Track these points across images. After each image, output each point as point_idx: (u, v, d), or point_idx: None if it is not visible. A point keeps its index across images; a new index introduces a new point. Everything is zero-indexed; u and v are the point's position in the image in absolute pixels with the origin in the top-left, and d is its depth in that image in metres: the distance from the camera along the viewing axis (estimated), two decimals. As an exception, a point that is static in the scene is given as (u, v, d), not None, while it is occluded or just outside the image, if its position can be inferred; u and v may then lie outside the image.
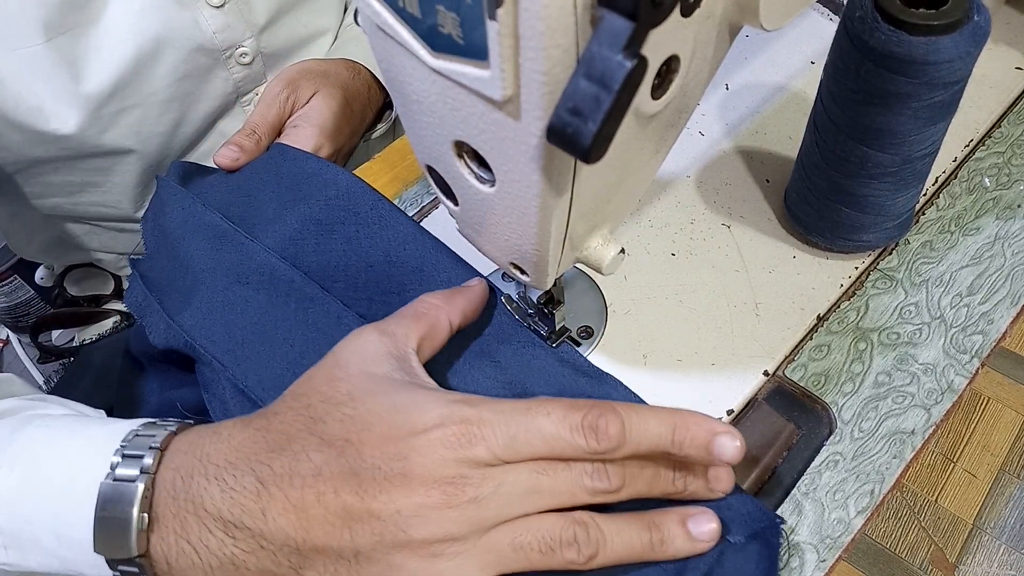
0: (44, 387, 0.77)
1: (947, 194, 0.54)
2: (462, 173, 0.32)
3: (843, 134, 0.43)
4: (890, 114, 0.41)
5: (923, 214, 0.53)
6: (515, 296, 0.43)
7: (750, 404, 0.45)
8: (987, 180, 0.54)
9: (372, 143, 0.69)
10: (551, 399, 0.32)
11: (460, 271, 0.45)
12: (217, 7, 0.59)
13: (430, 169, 0.35)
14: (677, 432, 0.32)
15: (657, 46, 0.26)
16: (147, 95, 0.58)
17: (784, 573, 0.39)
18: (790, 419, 0.44)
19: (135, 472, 0.30)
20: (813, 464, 0.43)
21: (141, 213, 0.65)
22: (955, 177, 0.55)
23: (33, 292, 1.21)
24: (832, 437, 0.43)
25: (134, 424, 0.33)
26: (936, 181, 0.53)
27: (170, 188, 0.50)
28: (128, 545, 0.29)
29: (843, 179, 0.45)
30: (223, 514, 0.29)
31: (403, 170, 0.59)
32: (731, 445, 0.32)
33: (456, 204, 0.35)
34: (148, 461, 0.30)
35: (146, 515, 0.30)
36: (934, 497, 1.32)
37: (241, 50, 0.62)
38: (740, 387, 0.44)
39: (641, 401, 0.40)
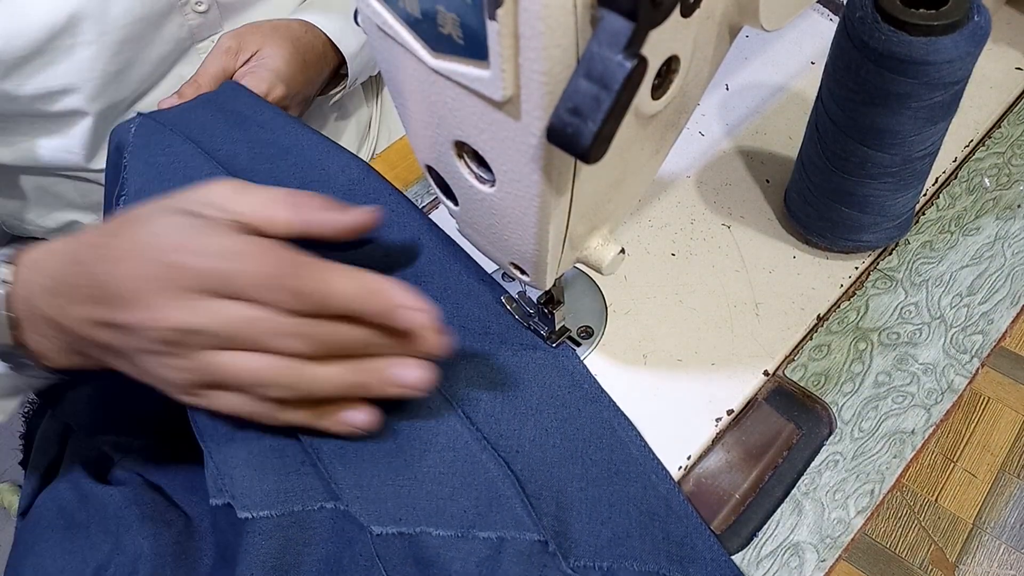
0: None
1: (947, 194, 0.54)
2: (462, 173, 0.32)
3: (843, 134, 0.43)
4: (890, 114, 0.41)
5: (923, 214, 0.53)
6: (515, 296, 0.43)
7: (750, 404, 0.45)
8: (987, 180, 0.54)
9: (333, 106, 0.72)
10: (270, 245, 0.35)
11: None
12: None
13: (430, 169, 0.35)
14: (364, 296, 0.34)
15: (657, 46, 0.26)
16: (100, 33, 0.58)
17: (784, 573, 0.39)
18: (790, 419, 0.44)
19: None
20: (813, 464, 0.43)
21: (95, 164, 0.66)
22: (955, 177, 0.55)
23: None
24: (832, 437, 0.43)
25: None
26: (936, 181, 0.53)
27: (150, 127, 0.50)
28: (6, 336, 0.37)
29: (843, 179, 0.45)
30: (52, 318, 0.37)
31: (403, 170, 0.59)
32: (416, 317, 0.34)
33: (456, 204, 0.35)
34: (5, 272, 0.37)
35: (12, 315, 0.37)
36: (934, 497, 1.32)
37: None
38: (740, 387, 0.44)
39: (626, 418, 0.41)
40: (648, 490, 0.38)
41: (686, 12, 0.26)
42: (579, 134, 0.23)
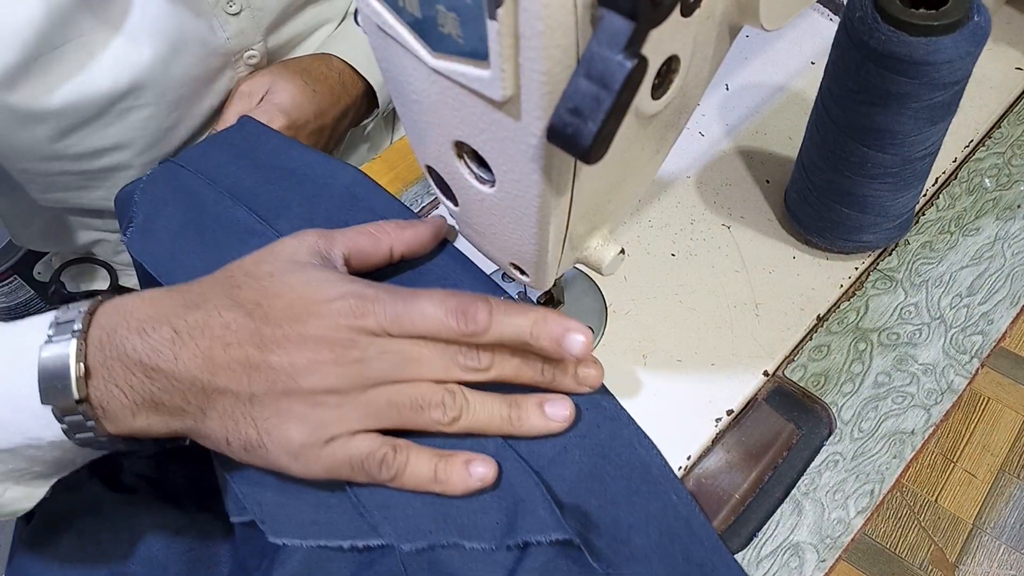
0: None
1: (947, 195, 0.54)
2: (462, 173, 0.32)
3: (843, 134, 0.43)
4: (890, 114, 0.41)
5: (923, 215, 0.53)
6: (515, 296, 0.43)
7: (750, 404, 0.45)
8: (987, 181, 0.54)
9: (364, 136, 0.71)
10: (443, 290, 0.36)
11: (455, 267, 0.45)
12: (233, 14, 0.60)
13: (430, 169, 0.35)
14: (535, 326, 0.35)
15: (657, 46, 0.26)
16: (159, 96, 0.59)
17: (784, 573, 0.39)
18: (790, 419, 0.44)
19: (68, 335, 0.34)
20: (813, 464, 0.43)
21: None
22: (955, 177, 0.55)
23: (33, 292, 1.22)
24: (832, 437, 0.43)
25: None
26: (936, 182, 0.53)
27: (159, 169, 0.50)
28: (70, 392, 0.33)
29: (843, 179, 0.45)
30: (142, 359, 0.34)
31: (403, 170, 0.59)
32: (578, 340, 0.35)
33: (456, 204, 0.35)
34: (78, 325, 0.34)
35: (82, 365, 0.33)
36: (934, 497, 1.32)
37: (250, 52, 0.63)
38: (740, 387, 0.44)
39: (646, 438, 0.40)
40: (668, 510, 0.38)
41: (686, 12, 0.26)
42: (579, 134, 0.23)
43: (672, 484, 0.39)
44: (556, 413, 0.37)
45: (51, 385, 0.33)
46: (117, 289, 0.77)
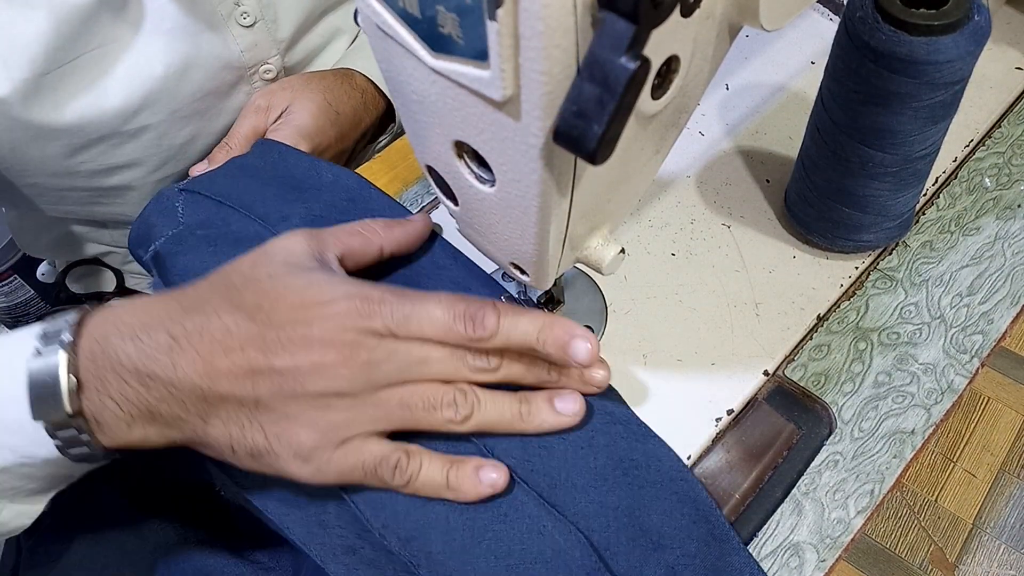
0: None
1: (947, 194, 0.54)
2: (462, 173, 0.32)
3: (844, 134, 0.43)
4: (891, 114, 0.41)
5: (923, 214, 0.53)
6: (515, 296, 0.43)
7: (750, 404, 0.45)
8: (987, 180, 0.54)
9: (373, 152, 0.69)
10: (450, 293, 0.36)
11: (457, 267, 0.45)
12: (247, 27, 0.59)
13: (430, 169, 0.35)
14: (542, 331, 0.35)
15: (657, 46, 0.26)
16: (172, 111, 0.57)
17: (784, 573, 0.39)
18: (790, 419, 0.44)
19: (56, 346, 0.32)
20: (813, 464, 0.43)
21: None
22: (955, 177, 0.55)
23: (33, 292, 1.22)
24: (832, 437, 0.43)
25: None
26: (936, 181, 0.53)
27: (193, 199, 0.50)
28: (61, 406, 0.32)
29: (844, 179, 0.45)
30: (137, 367, 0.32)
31: (403, 170, 0.59)
32: (584, 347, 0.35)
33: (456, 204, 0.35)
34: (67, 336, 0.33)
35: (73, 377, 0.32)
36: (934, 497, 1.32)
37: (266, 67, 0.62)
38: (740, 387, 0.44)
39: (647, 428, 0.40)
40: (687, 502, 0.38)
41: (686, 12, 0.26)
42: (585, 136, 0.23)
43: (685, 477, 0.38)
44: (566, 408, 0.37)
45: (42, 400, 0.32)
46: (123, 291, 0.76)
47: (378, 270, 0.44)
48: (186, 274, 0.44)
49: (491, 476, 0.36)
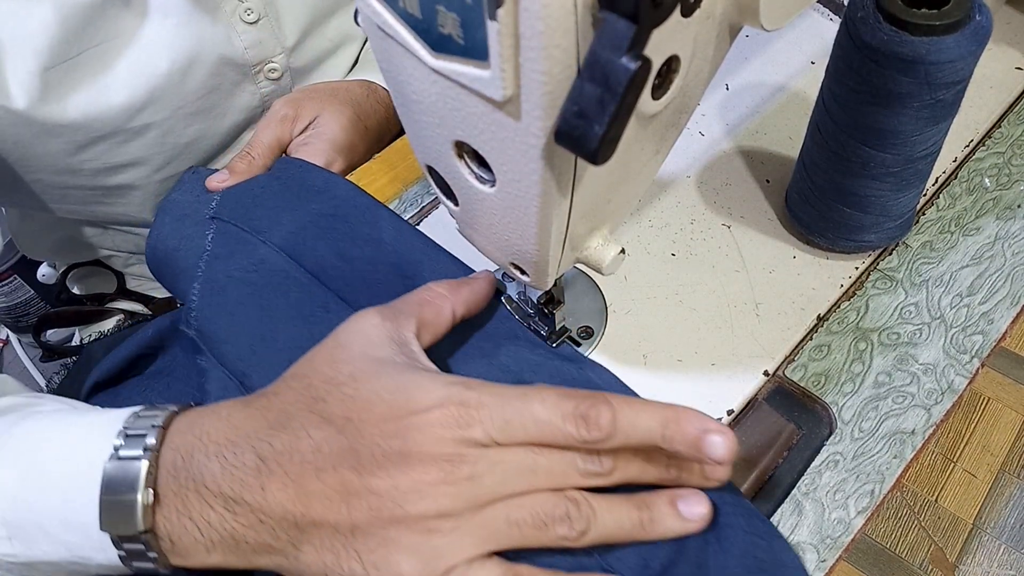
0: (45, 388, 0.76)
1: (947, 194, 0.54)
2: (462, 173, 0.32)
3: (845, 134, 0.43)
4: (892, 114, 0.41)
5: (923, 214, 0.53)
6: (515, 296, 0.43)
7: (750, 404, 0.45)
8: (987, 180, 0.54)
9: None
10: (549, 387, 0.32)
11: (459, 272, 0.45)
12: (251, 23, 0.58)
13: (430, 169, 0.35)
14: (668, 427, 0.31)
15: (658, 46, 0.26)
16: (175, 108, 0.57)
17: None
18: (790, 419, 0.44)
19: (139, 452, 0.30)
20: (813, 464, 0.43)
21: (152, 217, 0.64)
22: (955, 177, 0.55)
23: (33, 292, 1.22)
24: (832, 437, 0.43)
25: (134, 408, 0.33)
26: (936, 181, 0.53)
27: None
28: (134, 522, 0.29)
29: (845, 179, 0.45)
30: (223, 490, 0.30)
31: (403, 170, 0.59)
32: (721, 443, 0.31)
33: (456, 204, 0.35)
34: (151, 440, 0.30)
35: (151, 490, 0.30)
36: (934, 497, 1.32)
37: (271, 66, 0.61)
38: (740, 387, 0.44)
39: (769, 525, 0.36)
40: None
41: (686, 12, 0.26)
42: (586, 137, 0.23)
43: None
44: (692, 512, 0.33)
45: (114, 510, 0.30)
46: (123, 293, 0.76)
47: (376, 274, 0.44)
48: (230, 327, 0.43)
49: None
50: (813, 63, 0.61)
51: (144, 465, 0.30)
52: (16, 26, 0.49)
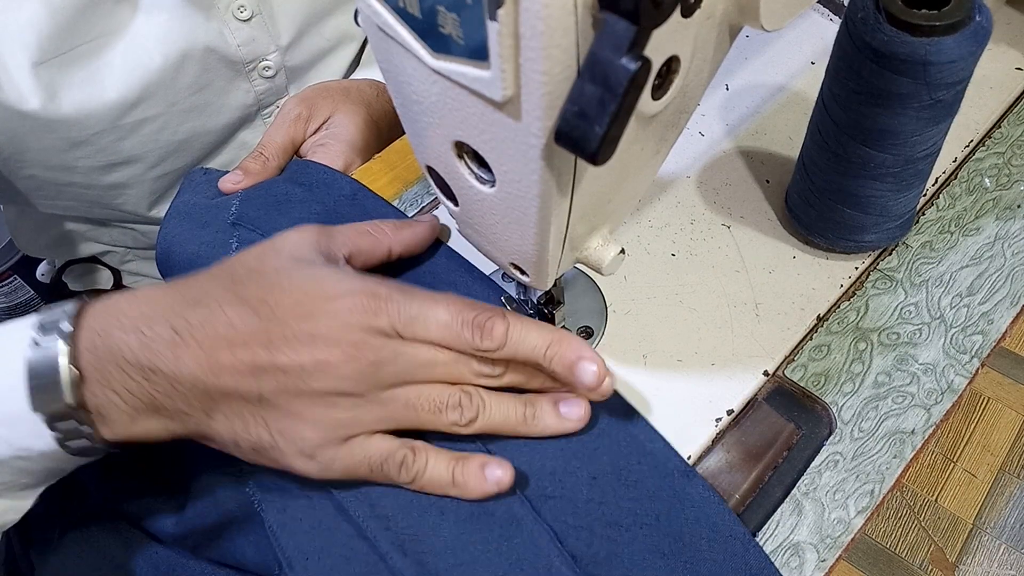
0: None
1: (947, 194, 0.54)
2: (462, 173, 0.32)
3: (845, 135, 0.43)
4: (892, 115, 0.41)
5: (923, 214, 0.53)
6: (515, 296, 0.43)
7: (750, 404, 0.45)
8: (987, 180, 0.54)
9: None
10: (458, 296, 0.36)
11: (490, 294, 0.45)
12: (244, 20, 0.58)
13: (430, 169, 0.35)
14: (551, 347, 0.35)
15: (658, 47, 0.26)
16: (169, 104, 0.57)
17: (784, 573, 0.39)
18: (790, 419, 0.44)
19: (54, 337, 0.32)
20: (813, 464, 0.43)
21: (154, 213, 0.64)
22: (955, 177, 0.55)
23: (33, 292, 1.21)
24: (832, 437, 0.43)
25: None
26: (936, 181, 0.53)
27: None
28: (62, 397, 0.31)
29: (845, 179, 0.45)
30: (140, 361, 0.32)
31: (403, 170, 0.59)
32: (593, 371, 0.35)
33: (456, 204, 0.35)
34: (65, 325, 0.32)
35: (74, 367, 0.31)
36: (934, 497, 1.32)
37: (264, 63, 0.61)
38: (740, 387, 0.44)
39: (647, 423, 0.40)
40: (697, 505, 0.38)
41: (686, 12, 0.26)
42: (586, 137, 0.23)
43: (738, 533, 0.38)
44: (571, 413, 0.37)
45: (41, 391, 0.31)
46: (120, 290, 0.77)
47: (383, 271, 0.44)
48: None
49: (496, 474, 0.35)
50: (813, 63, 0.61)
51: (63, 346, 0.31)
52: (5, 20, 0.49)
